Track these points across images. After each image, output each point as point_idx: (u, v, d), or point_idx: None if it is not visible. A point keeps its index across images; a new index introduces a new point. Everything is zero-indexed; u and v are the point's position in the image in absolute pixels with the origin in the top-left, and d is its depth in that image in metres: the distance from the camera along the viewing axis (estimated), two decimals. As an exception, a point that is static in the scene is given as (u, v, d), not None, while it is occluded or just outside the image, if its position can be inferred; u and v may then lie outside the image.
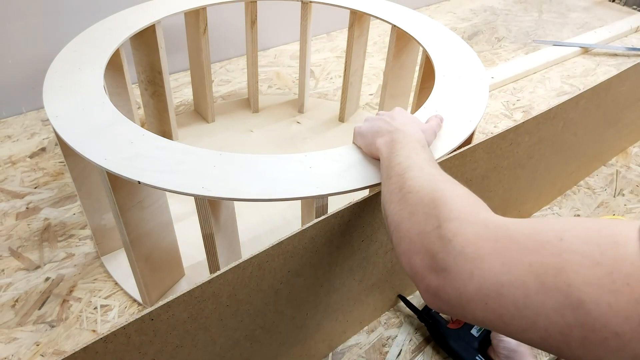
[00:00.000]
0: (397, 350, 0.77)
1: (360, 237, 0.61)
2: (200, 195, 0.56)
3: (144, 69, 1.07)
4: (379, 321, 0.81)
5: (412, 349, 0.77)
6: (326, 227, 0.54)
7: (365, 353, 0.76)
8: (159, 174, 0.58)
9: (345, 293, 0.67)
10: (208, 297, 0.49)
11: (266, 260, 0.51)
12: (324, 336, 0.72)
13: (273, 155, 0.62)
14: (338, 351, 0.76)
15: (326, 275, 0.61)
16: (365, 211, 0.58)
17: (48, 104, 0.71)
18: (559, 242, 0.31)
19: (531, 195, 0.94)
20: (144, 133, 0.65)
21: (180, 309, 0.48)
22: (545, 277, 0.30)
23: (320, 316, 0.67)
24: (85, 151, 0.62)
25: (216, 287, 0.49)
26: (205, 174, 0.59)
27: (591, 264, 0.29)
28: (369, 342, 0.78)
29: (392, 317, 0.82)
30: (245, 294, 0.52)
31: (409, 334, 0.79)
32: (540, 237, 0.32)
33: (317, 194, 0.57)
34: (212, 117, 1.25)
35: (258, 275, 0.52)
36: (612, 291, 0.27)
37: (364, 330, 0.79)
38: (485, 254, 0.34)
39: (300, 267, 0.56)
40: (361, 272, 0.67)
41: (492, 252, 0.34)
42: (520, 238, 0.33)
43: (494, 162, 0.72)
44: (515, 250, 0.33)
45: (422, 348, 0.77)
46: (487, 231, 0.35)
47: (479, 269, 0.34)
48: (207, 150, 0.63)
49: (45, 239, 0.93)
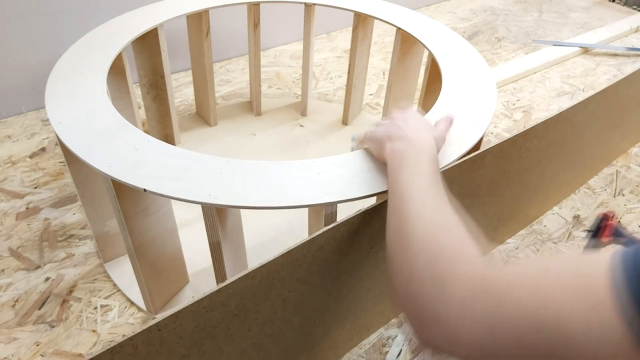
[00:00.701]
0: (397, 350, 0.76)
1: (369, 245, 0.60)
2: (207, 203, 0.55)
3: (146, 73, 1.06)
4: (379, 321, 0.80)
5: (412, 349, 0.77)
6: (335, 235, 0.54)
7: (365, 353, 0.76)
8: (164, 181, 0.57)
9: (353, 301, 0.67)
10: (216, 307, 0.48)
11: (275, 269, 0.50)
12: (331, 344, 0.71)
13: (280, 162, 0.61)
14: (340, 353, 0.76)
15: (334, 283, 0.60)
16: (375, 218, 0.57)
17: (51, 109, 0.70)
18: (543, 278, 0.32)
19: (538, 199, 0.94)
20: (148, 139, 0.64)
21: (187, 319, 0.47)
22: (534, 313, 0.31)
23: (328, 324, 0.66)
24: (89, 158, 0.61)
25: (224, 296, 0.48)
26: (212, 180, 0.58)
27: (573, 296, 0.30)
28: (369, 342, 0.77)
29: (392, 317, 0.81)
30: (253, 303, 0.51)
31: (409, 334, 0.79)
32: (525, 277, 0.34)
33: (327, 202, 0.56)
34: (214, 121, 1.24)
35: (266, 284, 0.51)
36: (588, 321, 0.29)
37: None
38: (475, 296, 0.34)
39: (309, 275, 0.55)
40: (369, 279, 0.66)
41: (482, 294, 0.34)
42: (507, 278, 0.34)
43: (503, 167, 0.71)
44: (502, 291, 0.33)
45: (423, 348, 0.77)
46: (476, 276, 0.36)
47: (470, 313, 0.34)
48: (213, 157, 0.62)
49: (45, 239, 0.92)
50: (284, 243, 0.90)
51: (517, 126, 1.30)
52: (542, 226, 1.00)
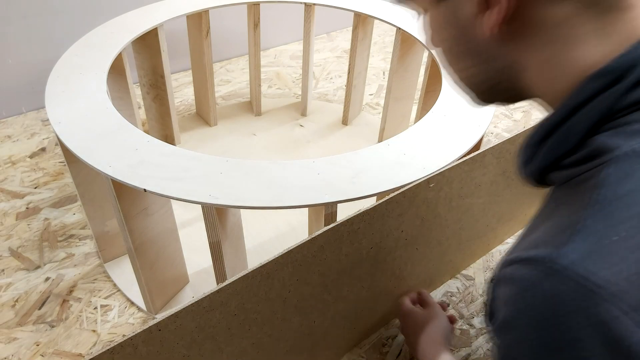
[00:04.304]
0: (397, 350, 0.76)
1: (369, 245, 0.60)
2: (208, 203, 0.55)
3: (145, 73, 1.06)
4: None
5: None
6: (336, 235, 0.54)
7: (365, 353, 0.76)
8: (165, 181, 0.57)
9: (353, 300, 0.67)
10: (216, 307, 0.48)
11: (275, 269, 0.50)
12: (331, 343, 0.71)
13: (280, 162, 0.61)
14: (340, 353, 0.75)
15: (334, 283, 0.60)
16: (375, 218, 0.57)
17: (50, 110, 0.70)
18: None
19: (537, 199, 0.93)
20: (148, 139, 0.64)
21: (188, 319, 0.47)
22: None
23: (328, 324, 0.66)
24: (89, 158, 0.61)
25: (224, 296, 0.48)
26: (212, 181, 0.58)
27: None
28: (369, 342, 0.77)
29: (393, 317, 0.81)
30: (253, 303, 0.51)
31: None
32: None
33: (327, 201, 0.56)
34: (214, 121, 1.24)
35: (267, 285, 0.51)
36: None
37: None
38: None
39: (309, 275, 0.55)
40: (369, 279, 0.66)
41: None
42: None
43: (503, 166, 0.71)
44: None
45: None
46: None
47: None
48: (213, 157, 0.62)
49: (45, 239, 0.92)
50: (284, 243, 0.90)
51: (517, 126, 1.30)
52: (542, 226, 1.00)
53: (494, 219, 0.83)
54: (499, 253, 0.95)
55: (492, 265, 0.92)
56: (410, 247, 0.67)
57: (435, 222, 0.67)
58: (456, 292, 0.86)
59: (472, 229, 0.78)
